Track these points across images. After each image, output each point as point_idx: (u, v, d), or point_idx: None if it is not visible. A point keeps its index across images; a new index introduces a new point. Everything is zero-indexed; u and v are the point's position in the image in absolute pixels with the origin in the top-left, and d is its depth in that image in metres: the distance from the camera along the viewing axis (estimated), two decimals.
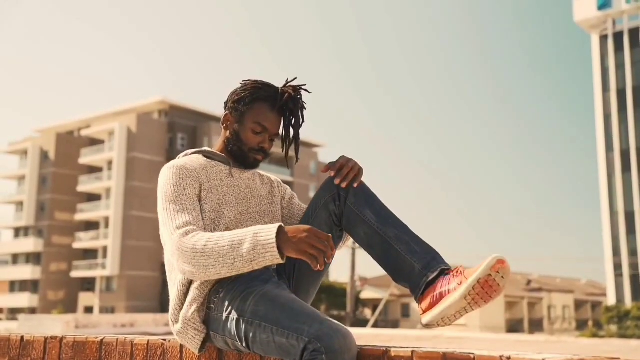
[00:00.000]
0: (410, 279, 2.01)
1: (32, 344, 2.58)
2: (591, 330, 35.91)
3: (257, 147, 2.22)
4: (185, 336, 2.07)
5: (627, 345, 15.85)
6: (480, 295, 1.85)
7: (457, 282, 1.89)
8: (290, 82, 2.24)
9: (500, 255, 1.85)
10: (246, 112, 2.21)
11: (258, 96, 2.20)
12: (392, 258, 2.04)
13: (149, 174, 54.42)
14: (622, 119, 39.14)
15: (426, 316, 1.96)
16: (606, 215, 38.68)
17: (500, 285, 1.86)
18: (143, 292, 53.02)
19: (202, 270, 1.91)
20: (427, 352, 1.72)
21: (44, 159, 57.91)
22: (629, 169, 38.43)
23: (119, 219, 53.42)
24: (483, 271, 1.85)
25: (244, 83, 2.26)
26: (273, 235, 1.87)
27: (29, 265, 56.27)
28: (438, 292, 1.93)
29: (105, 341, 2.38)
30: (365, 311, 51.13)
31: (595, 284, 69.40)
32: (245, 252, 1.88)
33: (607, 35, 40.47)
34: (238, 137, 2.22)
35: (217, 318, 2.03)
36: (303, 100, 2.24)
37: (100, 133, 56.19)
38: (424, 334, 20.41)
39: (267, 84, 2.24)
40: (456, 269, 1.96)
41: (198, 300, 2.05)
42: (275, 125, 2.22)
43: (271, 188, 2.37)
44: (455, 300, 1.87)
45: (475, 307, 1.89)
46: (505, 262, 1.85)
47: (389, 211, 2.12)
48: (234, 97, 2.25)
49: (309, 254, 1.84)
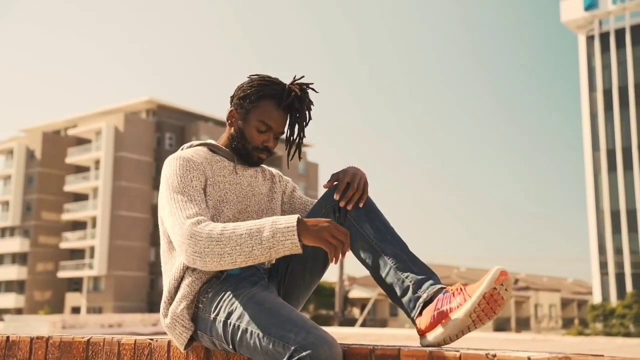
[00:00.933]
0: (405, 298, 1.98)
1: (18, 344, 2.56)
2: (577, 329, 36.15)
3: (262, 145, 2.19)
4: (174, 331, 2.06)
5: (613, 343, 15.96)
6: (485, 311, 1.82)
7: (460, 300, 1.85)
8: (298, 80, 2.20)
9: (502, 267, 1.83)
10: (251, 110, 2.17)
11: (264, 93, 2.16)
12: (388, 276, 2.01)
13: (137, 174, 54.20)
14: (608, 119, 39.44)
15: (428, 337, 1.91)
16: (592, 214, 38.95)
17: (505, 299, 1.83)
18: (130, 292, 52.79)
19: (216, 259, 1.88)
20: (413, 350, 1.73)
21: (30, 158, 57.52)
22: (614, 169, 38.72)
23: (107, 218, 53.16)
24: (488, 285, 1.81)
25: (250, 78, 2.22)
26: (294, 223, 1.86)
27: (15, 266, 55.87)
28: (438, 311, 1.89)
29: (92, 341, 2.37)
30: (354, 310, 51.16)
31: (582, 282, 69.86)
32: (264, 239, 1.86)
33: (593, 36, 40.76)
34: (242, 134, 2.19)
35: (204, 318, 2.02)
36: (310, 99, 2.20)
37: (87, 132, 55.88)
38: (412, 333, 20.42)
39: (273, 80, 2.19)
40: (456, 287, 1.91)
41: (188, 298, 2.03)
42: (280, 124, 2.18)
43: (272, 184, 2.33)
44: (459, 318, 1.83)
45: (479, 324, 1.85)
46: (507, 273, 1.83)
47: (390, 228, 2.08)
48: (239, 92, 2.21)
49: (329, 242, 1.85)
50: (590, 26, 41.02)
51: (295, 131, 2.23)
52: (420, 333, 1.94)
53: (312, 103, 2.21)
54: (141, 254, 54.09)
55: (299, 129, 2.22)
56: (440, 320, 1.87)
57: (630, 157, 38.40)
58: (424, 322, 1.92)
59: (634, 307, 32.69)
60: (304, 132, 2.22)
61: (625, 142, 38.77)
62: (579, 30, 41.45)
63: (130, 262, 53.10)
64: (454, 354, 1.65)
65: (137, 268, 53.62)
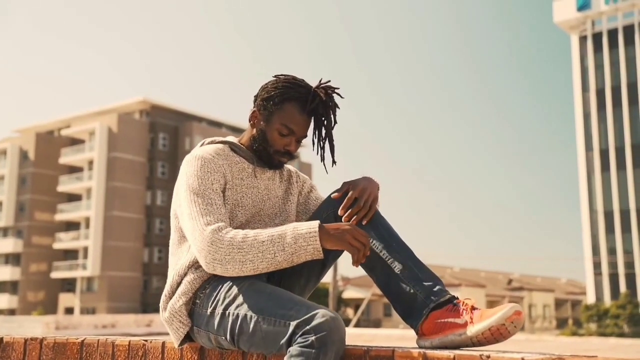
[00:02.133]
0: (412, 307, 1.95)
1: (12, 345, 2.56)
2: (571, 329, 36.26)
3: (283, 149, 2.14)
4: (171, 325, 2.07)
5: (606, 343, 16.02)
6: (487, 339, 1.81)
7: (467, 319, 1.84)
8: (324, 84, 2.14)
9: (518, 306, 1.81)
10: (274, 112, 2.12)
11: (288, 96, 2.11)
12: (393, 284, 1.98)
13: (130, 174, 54.10)
14: (601, 119, 39.59)
15: (425, 341, 1.91)
16: (586, 214, 39.08)
17: (511, 333, 1.82)
18: (124, 292, 52.68)
19: (238, 266, 1.89)
20: (407, 351, 1.73)
21: (24, 158, 57.32)
22: (607, 168, 38.87)
23: (100, 219, 53.03)
24: (498, 320, 1.80)
25: (275, 79, 2.16)
26: (315, 228, 1.87)
27: (8, 266, 55.68)
28: (443, 320, 1.88)
29: (86, 342, 2.37)
30: (348, 311, 51.19)
31: (575, 282, 70.08)
32: (287, 245, 1.86)
33: (586, 36, 40.92)
34: (264, 136, 2.15)
35: (201, 314, 2.01)
36: (336, 103, 2.15)
37: (81, 133, 55.73)
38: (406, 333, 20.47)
39: (299, 83, 2.14)
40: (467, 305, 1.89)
41: (187, 295, 2.04)
42: (303, 128, 2.13)
43: (289, 185, 2.30)
44: (460, 337, 1.83)
45: (478, 345, 1.85)
46: (521, 313, 1.81)
47: (394, 235, 2.05)
48: (263, 93, 2.16)
49: (351, 245, 1.86)
50: (582, 26, 41.19)
51: (322, 135, 2.18)
52: (419, 334, 1.93)
53: (337, 107, 2.16)
54: (134, 254, 53.97)
55: (326, 133, 2.17)
56: (442, 330, 1.87)
57: (623, 157, 38.56)
58: (426, 326, 1.91)
59: (627, 308, 32.83)
60: (331, 137, 2.18)
61: (618, 142, 38.93)
62: (572, 30, 41.60)
63: (124, 263, 52.99)
64: (448, 355, 1.65)
65: (131, 269, 53.50)
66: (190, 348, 2.13)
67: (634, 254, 37.28)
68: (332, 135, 2.18)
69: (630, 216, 37.72)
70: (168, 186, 56.39)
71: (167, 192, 56.35)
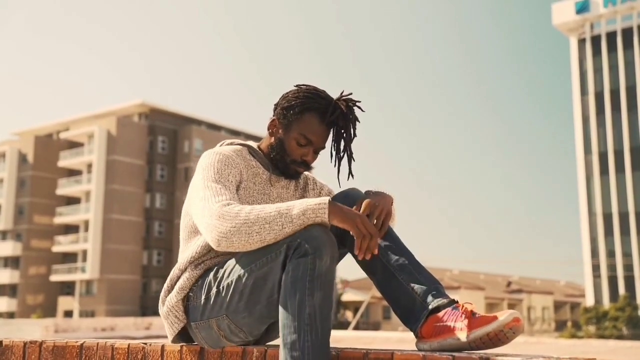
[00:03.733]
0: (411, 310, 1.95)
1: (11, 348, 2.56)
2: (570, 331, 36.23)
3: (300, 159, 2.14)
4: (167, 320, 2.09)
5: (605, 346, 16.02)
6: (486, 344, 1.81)
7: (465, 324, 1.83)
8: (345, 96, 2.14)
9: (517, 313, 1.81)
10: (294, 122, 2.12)
11: (309, 106, 2.10)
12: (393, 287, 1.97)
13: (129, 177, 54.10)
14: (600, 122, 39.64)
15: (424, 343, 1.90)
16: (585, 217, 39.11)
17: (509, 339, 1.82)
18: (123, 295, 52.64)
19: (244, 238, 1.85)
20: (407, 354, 1.73)
21: (23, 161, 57.32)
22: (606, 172, 38.90)
23: (99, 222, 53.02)
24: (496, 326, 1.79)
25: (297, 88, 2.16)
26: (325, 201, 1.85)
27: (7, 270, 55.64)
28: (442, 324, 1.87)
29: (86, 345, 2.37)
30: (347, 314, 51.18)
31: (574, 285, 70.10)
32: (295, 217, 1.83)
33: (585, 39, 40.98)
34: (282, 145, 2.15)
35: (196, 306, 2.04)
36: (356, 116, 2.14)
37: (80, 136, 55.74)
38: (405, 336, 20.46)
39: (320, 94, 2.13)
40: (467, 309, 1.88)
41: (184, 291, 2.06)
42: (321, 138, 2.13)
43: (304, 193, 2.31)
44: (458, 342, 1.82)
45: (476, 350, 1.84)
46: (520, 320, 1.80)
47: (394, 237, 2.04)
48: (284, 102, 2.15)
49: (358, 229, 1.84)
50: (581, 29, 41.25)
51: (340, 148, 2.16)
52: (419, 337, 1.93)
53: (358, 120, 2.15)
54: (134, 257, 53.95)
55: (345, 145, 2.15)
56: (441, 333, 1.86)
57: (622, 160, 38.60)
58: (425, 328, 1.90)
59: (626, 310, 32.84)
60: (350, 150, 2.16)
61: (617, 145, 38.98)
62: (571, 33, 41.66)
63: (123, 266, 52.96)
64: (448, 357, 1.66)
65: (130, 271, 53.47)
66: (189, 350, 2.13)
67: (632, 256, 37.30)
68: (350, 149, 2.16)
69: (629, 219, 37.75)
70: (167, 189, 56.40)
71: (166, 195, 56.35)
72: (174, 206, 55.80)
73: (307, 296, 1.77)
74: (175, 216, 55.08)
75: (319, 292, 1.78)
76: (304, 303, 1.77)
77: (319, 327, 1.78)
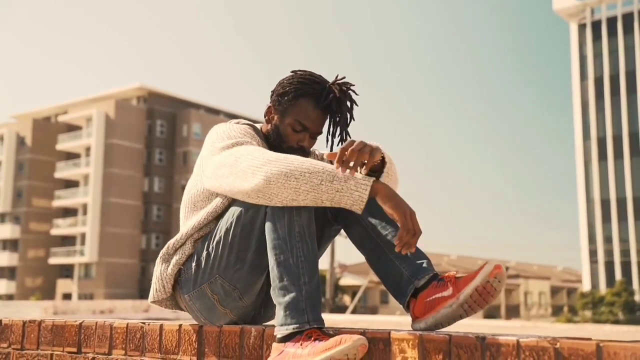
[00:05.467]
0: (399, 285, 1.96)
1: (11, 327, 2.57)
2: (566, 316, 36.44)
3: (297, 145, 2.13)
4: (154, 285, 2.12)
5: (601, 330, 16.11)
6: (477, 302, 1.84)
7: (453, 290, 1.86)
8: (339, 80, 2.12)
9: (497, 262, 1.84)
10: (289, 108, 2.11)
11: (303, 92, 2.10)
12: (382, 263, 1.99)
13: (128, 161, 54.04)
14: (599, 107, 39.59)
15: (419, 323, 1.92)
16: (582, 203, 39.18)
17: (497, 290, 1.85)
18: (122, 279, 52.80)
19: (282, 180, 1.84)
20: (404, 333, 1.74)
21: (21, 144, 57.21)
22: (605, 157, 38.92)
23: (97, 205, 53.04)
24: (481, 279, 1.82)
25: (292, 74, 2.15)
26: (371, 180, 1.85)
27: (5, 252, 55.74)
28: (432, 298, 1.89)
29: (85, 325, 2.38)
30: (345, 298, 51.36)
31: (571, 270, 70.36)
32: (337, 180, 1.83)
33: (585, 24, 40.83)
34: (278, 132, 2.14)
35: (188, 277, 2.06)
36: (353, 99, 2.12)
37: (78, 119, 55.59)
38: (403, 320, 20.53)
39: (314, 79, 2.12)
40: (451, 276, 1.91)
41: (179, 264, 2.08)
42: (317, 124, 2.12)
43: None
44: (451, 308, 1.84)
45: (470, 313, 1.87)
46: (501, 267, 1.83)
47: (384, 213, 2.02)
48: (279, 89, 2.15)
49: (406, 219, 1.81)
50: (582, 14, 41.09)
51: (337, 132, 2.15)
52: (413, 318, 1.95)
53: (354, 103, 2.13)
54: (132, 241, 54.04)
55: (341, 130, 2.14)
56: (432, 307, 1.88)
57: (620, 146, 38.61)
58: (417, 308, 1.92)
59: (622, 295, 33.00)
60: (346, 134, 2.14)
61: (616, 131, 38.95)
62: (571, 18, 41.50)
63: (122, 249, 53.06)
64: (445, 337, 1.67)
65: (128, 255, 53.59)
66: (187, 329, 2.15)
67: (629, 242, 37.42)
68: (346, 132, 2.14)
69: (627, 205, 37.83)
70: (165, 173, 56.35)
71: (164, 179, 56.32)
72: (172, 190, 55.79)
73: (295, 216, 1.87)
74: (174, 200, 55.10)
75: (305, 211, 1.89)
76: (293, 223, 1.86)
77: (309, 242, 1.87)
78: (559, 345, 1.50)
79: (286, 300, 1.83)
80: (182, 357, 2.12)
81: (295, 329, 1.79)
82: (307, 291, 1.83)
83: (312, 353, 1.71)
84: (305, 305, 1.81)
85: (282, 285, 1.85)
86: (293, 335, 1.80)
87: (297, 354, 1.75)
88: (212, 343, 2.07)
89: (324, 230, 2.12)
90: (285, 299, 1.83)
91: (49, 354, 2.44)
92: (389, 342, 1.75)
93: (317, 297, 1.84)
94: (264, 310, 2.21)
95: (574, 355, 1.48)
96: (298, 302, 1.82)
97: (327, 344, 1.69)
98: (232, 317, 2.11)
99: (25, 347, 2.51)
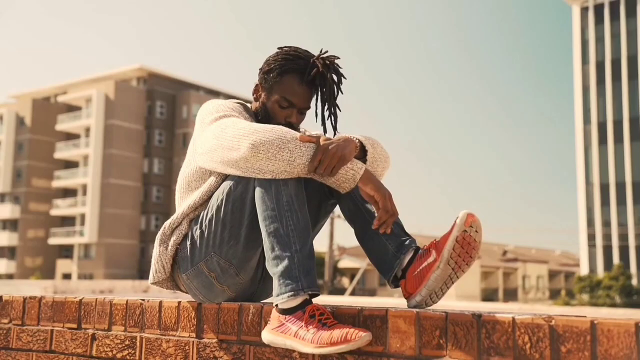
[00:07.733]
0: (384, 260, 1.99)
1: (11, 303, 2.59)
2: (564, 300, 36.56)
3: (284, 121, 2.13)
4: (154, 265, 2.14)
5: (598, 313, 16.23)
6: (461, 256, 1.86)
7: (435, 253, 1.88)
8: (323, 54, 2.12)
9: (469, 210, 1.87)
10: (274, 85, 2.13)
11: (287, 68, 2.11)
12: (368, 237, 2.02)
13: (127, 142, 53.98)
14: (600, 92, 39.46)
15: (414, 298, 1.93)
16: (582, 186, 39.19)
17: (477, 241, 1.87)
18: (121, 259, 52.96)
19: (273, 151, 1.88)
20: (401, 310, 1.76)
21: (20, 124, 57.11)
22: (605, 142, 38.87)
23: (97, 186, 53.07)
24: (458, 229, 1.85)
25: (277, 51, 2.16)
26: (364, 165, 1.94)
27: (5, 232, 55.86)
28: (419, 270, 1.91)
29: (84, 301, 2.40)
30: (343, 280, 51.56)
31: (569, 254, 70.56)
32: None
33: (587, 8, 40.58)
34: (265, 109, 2.15)
35: (184, 256, 2.09)
36: (341, 73, 2.13)
37: (78, 100, 55.45)
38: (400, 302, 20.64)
39: (298, 55, 2.12)
40: (429, 243, 1.94)
41: (176, 244, 2.10)
42: (303, 99, 2.12)
43: None
44: (439, 269, 1.86)
45: (459, 272, 1.89)
46: (475, 215, 1.87)
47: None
48: (265, 66, 2.16)
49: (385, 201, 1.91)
50: None
51: (325, 107, 2.15)
52: (406, 296, 1.97)
53: (342, 76, 2.14)
54: (131, 221, 54.13)
55: (329, 104, 2.14)
56: (423, 278, 1.90)
57: (621, 130, 38.55)
58: (409, 285, 1.94)
59: (620, 279, 33.10)
60: (334, 107, 2.15)
61: (616, 115, 38.87)
62: (574, 1, 41.24)
63: (121, 230, 53.17)
64: (441, 314, 1.68)
65: (128, 236, 53.72)
66: (186, 306, 2.16)
67: (628, 226, 37.50)
68: (334, 106, 2.15)
69: (626, 189, 37.85)
70: (165, 154, 56.32)
71: (164, 160, 56.30)
72: (172, 172, 55.80)
73: (282, 187, 1.90)
74: (173, 182, 55.10)
75: (292, 181, 1.91)
76: (281, 193, 1.89)
77: (298, 211, 1.89)
78: (554, 322, 1.52)
79: (279, 270, 1.85)
80: (181, 333, 2.14)
81: (291, 296, 1.81)
82: (300, 258, 1.85)
83: (317, 342, 1.72)
84: (298, 273, 1.84)
85: (275, 255, 1.87)
86: (294, 310, 1.82)
87: (299, 334, 1.77)
88: (210, 320, 2.09)
89: (322, 204, 2.14)
90: (278, 269, 1.86)
91: (49, 329, 2.46)
92: (386, 319, 1.77)
93: (310, 263, 1.87)
94: (262, 285, 2.22)
95: (569, 332, 1.49)
96: (291, 269, 1.84)
97: (332, 336, 1.71)
98: (230, 293, 2.12)
99: (25, 323, 2.53)
